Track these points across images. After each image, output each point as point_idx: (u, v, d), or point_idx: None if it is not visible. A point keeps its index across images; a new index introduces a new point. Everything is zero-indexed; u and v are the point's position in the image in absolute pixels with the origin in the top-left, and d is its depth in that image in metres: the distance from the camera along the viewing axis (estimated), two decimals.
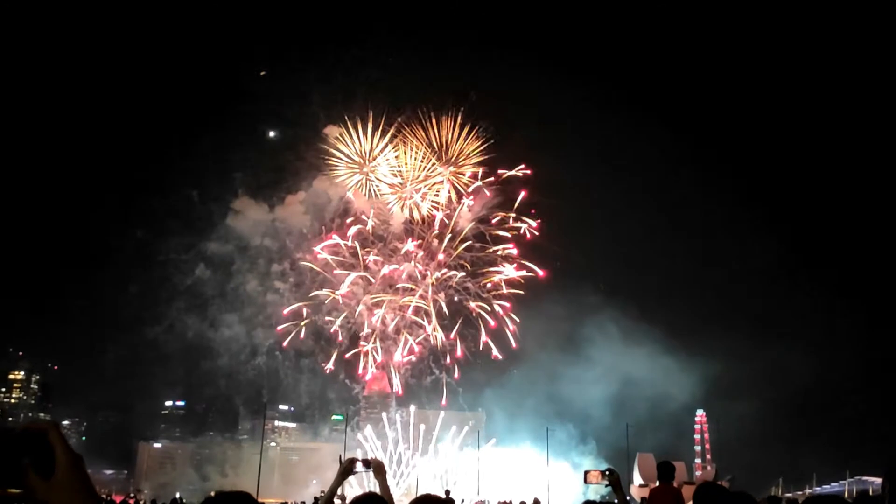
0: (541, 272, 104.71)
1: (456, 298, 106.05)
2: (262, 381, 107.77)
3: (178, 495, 76.84)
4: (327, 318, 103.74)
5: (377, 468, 9.46)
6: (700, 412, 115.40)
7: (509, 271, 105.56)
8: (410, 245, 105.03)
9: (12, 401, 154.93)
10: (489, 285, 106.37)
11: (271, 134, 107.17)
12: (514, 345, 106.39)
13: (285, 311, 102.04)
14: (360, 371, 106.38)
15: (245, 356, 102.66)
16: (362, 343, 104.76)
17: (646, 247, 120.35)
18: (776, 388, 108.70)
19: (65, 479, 2.92)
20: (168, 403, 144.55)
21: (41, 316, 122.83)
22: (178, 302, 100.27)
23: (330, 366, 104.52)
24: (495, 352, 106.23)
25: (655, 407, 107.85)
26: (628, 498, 10.87)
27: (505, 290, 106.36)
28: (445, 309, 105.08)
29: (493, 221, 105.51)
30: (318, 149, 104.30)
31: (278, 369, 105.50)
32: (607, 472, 10.05)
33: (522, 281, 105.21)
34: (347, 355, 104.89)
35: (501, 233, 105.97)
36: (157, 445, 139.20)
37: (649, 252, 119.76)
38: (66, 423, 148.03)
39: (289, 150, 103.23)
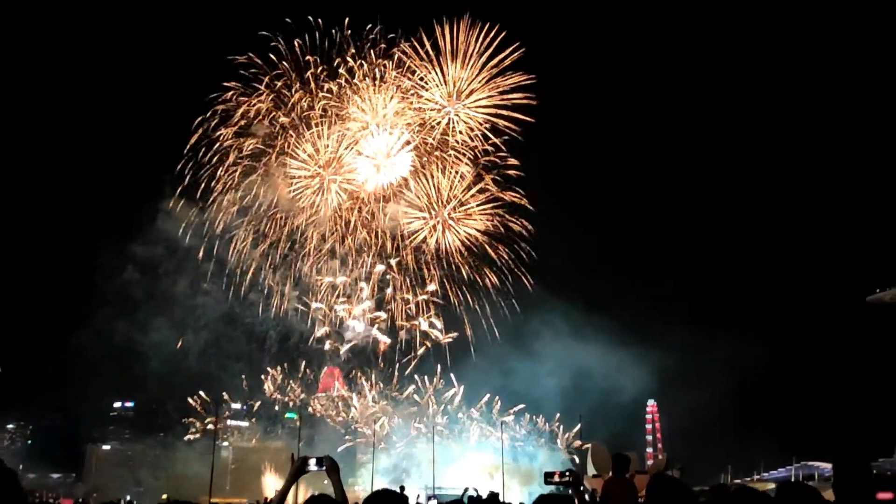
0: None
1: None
2: (213, 380, 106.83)
3: (127, 498, 75.61)
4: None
5: (330, 466, 9.37)
6: (651, 402, 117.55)
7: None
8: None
9: None
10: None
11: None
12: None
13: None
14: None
15: (191, 355, 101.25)
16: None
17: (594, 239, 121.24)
18: (725, 376, 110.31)
19: None
20: (116, 405, 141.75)
21: None
22: (124, 303, 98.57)
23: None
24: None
25: (608, 397, 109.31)
26: (582, 488, 10.94)
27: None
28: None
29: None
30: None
31: (228, 368, 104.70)
32: (567, 474, 10.21)
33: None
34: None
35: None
36: (106, 447, 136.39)
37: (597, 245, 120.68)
38: (10, 426, 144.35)
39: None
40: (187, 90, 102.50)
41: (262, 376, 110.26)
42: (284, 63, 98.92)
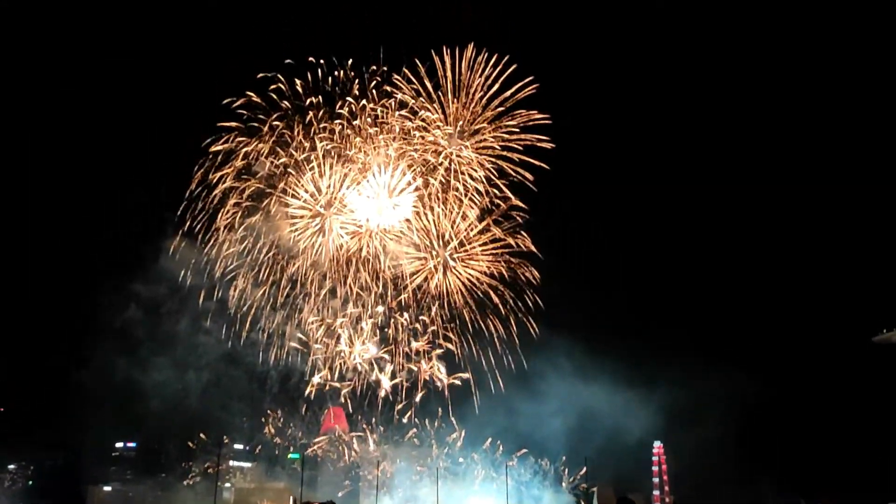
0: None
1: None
2: (214, 420, 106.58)
3: None
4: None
5: None
6: (657, 444, 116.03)
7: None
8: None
9: None
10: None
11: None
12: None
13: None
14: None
15: (192, 395, 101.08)
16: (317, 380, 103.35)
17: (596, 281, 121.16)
18: (732, 416, 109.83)
19: None
20: (119, 445, 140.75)
21: None
22: (125, 341, 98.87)
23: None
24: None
25: (613, 438, 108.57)
26: None
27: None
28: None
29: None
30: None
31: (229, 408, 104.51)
32: None
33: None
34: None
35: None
36: (108, 489, 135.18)
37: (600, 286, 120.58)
38: (11, 466, 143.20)
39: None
40: (188, 130, 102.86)
41: (263, 418, 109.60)
42: (285, 103, 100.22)
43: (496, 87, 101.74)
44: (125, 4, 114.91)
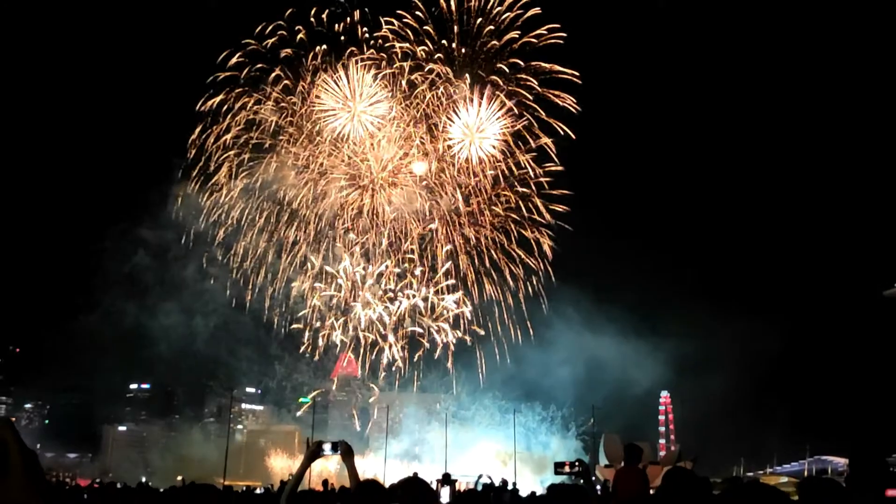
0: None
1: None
2: (222, 364, 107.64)
3: (143, 479, 76.27)
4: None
5: (345, 451, 9.44)
6: (664, 393, 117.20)
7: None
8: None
9: None
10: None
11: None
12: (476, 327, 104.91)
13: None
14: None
15: (199, 340, 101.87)
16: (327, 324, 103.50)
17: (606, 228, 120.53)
18: (740, 367, 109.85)
19: (18, 478, 2.82)
20: (133, 386, 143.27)
21: (0, 297, 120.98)
22: (133, 287, 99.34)
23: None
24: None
25: (621, 388, 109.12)
26: (594, 478, 11.04)
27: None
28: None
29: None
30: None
31: (237, 353, 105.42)
32: (577, 464, 10.44)
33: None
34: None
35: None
36: (122, 428, 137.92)
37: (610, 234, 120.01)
38: (28, 406, 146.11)
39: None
40: (197, 69, 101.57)
41: (276, 363, 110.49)
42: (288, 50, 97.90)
43: (512, 32, 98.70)
44: None
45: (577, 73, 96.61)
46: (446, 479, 33.99)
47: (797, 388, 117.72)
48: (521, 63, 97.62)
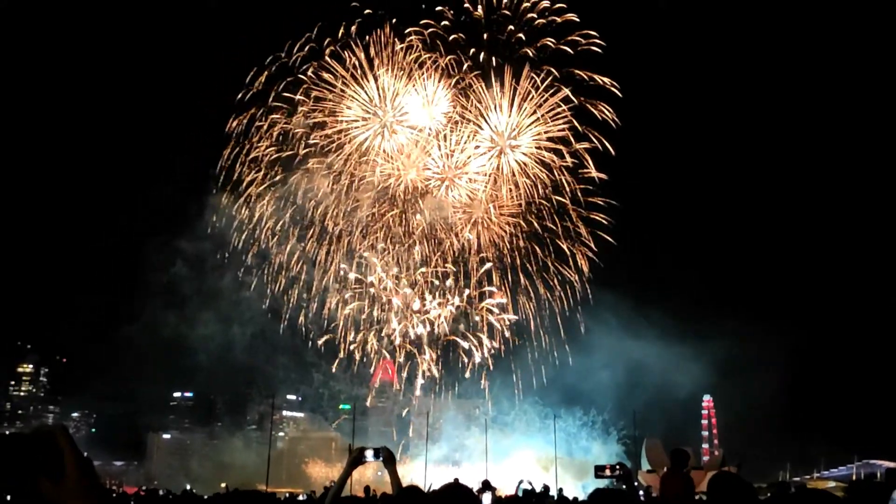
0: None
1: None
2: (265, 371, 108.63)
3: (188, 487, 77.22)
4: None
5: (387, 457, 9.46)
6: (707, 397, 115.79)
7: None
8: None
9: (21, 394, 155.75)
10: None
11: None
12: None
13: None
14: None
15: (237, 348, 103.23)
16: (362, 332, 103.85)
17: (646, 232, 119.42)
18: (784, 370, 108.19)
19: (74, 482, 2.92)
20: (176, 395, 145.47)
21: (48, 309, 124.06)
22: (171, 295, 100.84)
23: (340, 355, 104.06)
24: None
25: (663, 392, 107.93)
26: (636, 484, 10.90)
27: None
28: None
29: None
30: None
31: (280, 359, 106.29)
32: (618, 467, 10.24)
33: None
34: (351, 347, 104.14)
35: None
36: (166, 436, 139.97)
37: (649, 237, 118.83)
38: (75, 415, 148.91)
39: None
40: (228, 85, 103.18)
41: (313, 370, 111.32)
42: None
43: (546, 39, 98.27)
44: None
45: (615, 84, 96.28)
46: (486, 486, 33.84)
47: (843, 390, 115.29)
48: (556, 72, 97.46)
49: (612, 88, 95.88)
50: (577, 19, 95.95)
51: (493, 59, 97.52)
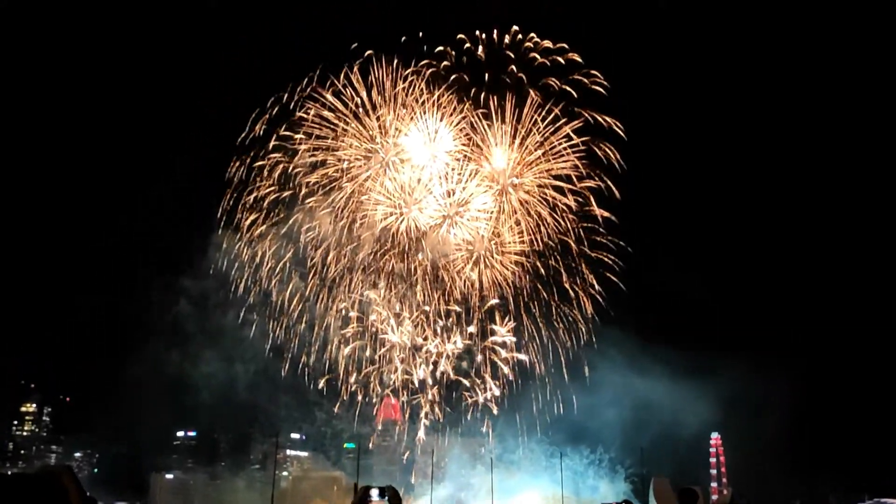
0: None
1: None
2: (267, 409, 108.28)
3: None
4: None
5: (392, 496, 9.41)
6: (715, 435, 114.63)
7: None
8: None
9: (24, 433, 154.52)
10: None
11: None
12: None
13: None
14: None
15: (240, 386, 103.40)
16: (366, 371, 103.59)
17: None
18: (792, 408, 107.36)
19: None
20: (179, 434, 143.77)
21: (52, 348, 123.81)
22: (175, 335, 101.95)
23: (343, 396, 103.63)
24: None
25: (670, 429, 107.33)
26: None
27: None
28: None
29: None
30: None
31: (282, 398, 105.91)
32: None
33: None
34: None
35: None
36: (170, 476, 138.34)
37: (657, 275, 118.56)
38: (77, 455, 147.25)
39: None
40: (232, 124, 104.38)
41: (315, 409, 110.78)
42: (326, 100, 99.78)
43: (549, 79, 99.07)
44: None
45: (619, 124, 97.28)
46: None
47: (853, 427, 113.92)
48: (559, 112, 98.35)
49: (617, 129, 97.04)
50: (581, 60, 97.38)
51: (495, 98, 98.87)
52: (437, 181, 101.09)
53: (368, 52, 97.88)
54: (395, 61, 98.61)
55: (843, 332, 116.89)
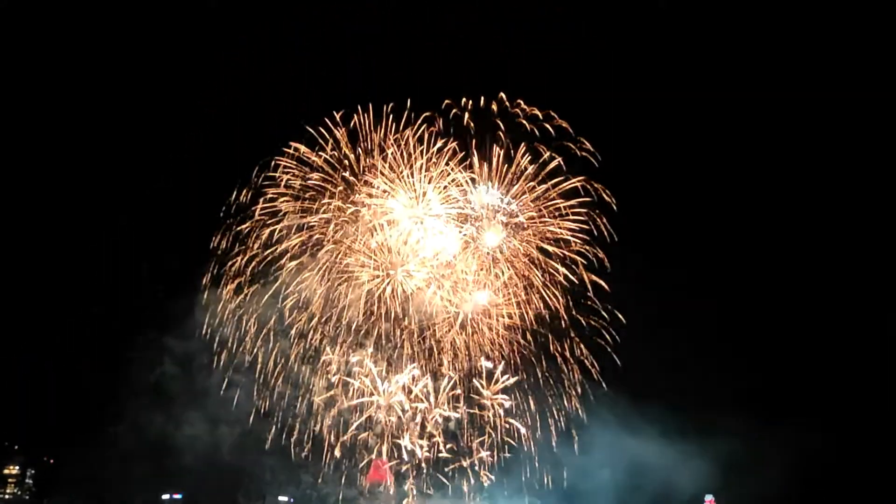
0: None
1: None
2: (252, 472, 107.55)
3: None
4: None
5: None
6: (709, 497, 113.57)
7: None
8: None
9: (6, 496, 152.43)
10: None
11: None
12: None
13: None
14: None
15: (224, 449, 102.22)
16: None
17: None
18: (790, 470, 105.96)
19: None
20: (165, 497, 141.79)
21: (35, 409, 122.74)
22: (158, 395, 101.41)
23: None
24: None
25: (665, 490, 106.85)
26: None
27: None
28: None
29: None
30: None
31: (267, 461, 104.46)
32: None
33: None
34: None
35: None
36: None
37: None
38: None
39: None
40: (220, 182, 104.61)
41: (300, 472, 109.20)
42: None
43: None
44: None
45: (609, 192, 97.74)
46: None
47: (855, 490, 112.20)
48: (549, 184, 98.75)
49: (607, 196, 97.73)
50: (569, 127, 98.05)
51: (484, 163, 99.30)
52: (423, 243, 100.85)
53: (353, 115, 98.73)
54: (382, 125, 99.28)
55: (845, 392, 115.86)
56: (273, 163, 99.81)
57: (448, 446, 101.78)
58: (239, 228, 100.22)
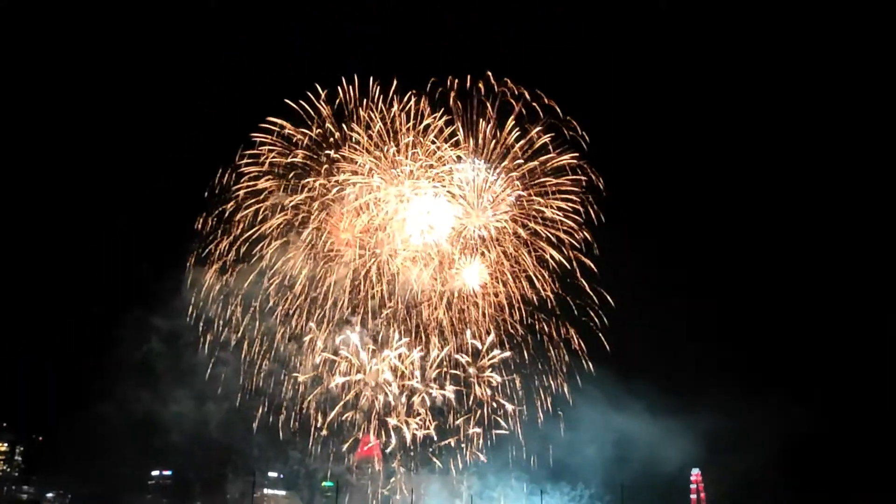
0: None
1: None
2: (241, 448, 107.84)
3: None
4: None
5: None
6: (696, 471, 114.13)
7: None
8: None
9: None
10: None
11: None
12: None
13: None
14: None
15: (212, 425, 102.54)
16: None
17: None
18: (774, 442, 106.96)
19: None
20: (154, 473, 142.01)
21: (24, 387, 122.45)
22: (146, 373, 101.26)
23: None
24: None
25: (651, 466, 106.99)
26: None
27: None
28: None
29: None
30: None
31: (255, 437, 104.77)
32: None
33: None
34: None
35: None
36: None
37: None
38: (50, 495, 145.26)
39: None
40: (210, 157, 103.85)
41: (288, 447, 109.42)
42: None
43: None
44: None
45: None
46: None
47: (837, 464, 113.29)
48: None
49: (594, 176, 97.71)
50: (557, 107, 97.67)
51: (470, 141, 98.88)
52: (410, 224, 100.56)
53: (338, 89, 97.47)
54: (367, 100, 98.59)
55: (829, 368, 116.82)
56: (258, 141, 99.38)
57: (435, 424, 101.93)
58: (225, 206, 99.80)
